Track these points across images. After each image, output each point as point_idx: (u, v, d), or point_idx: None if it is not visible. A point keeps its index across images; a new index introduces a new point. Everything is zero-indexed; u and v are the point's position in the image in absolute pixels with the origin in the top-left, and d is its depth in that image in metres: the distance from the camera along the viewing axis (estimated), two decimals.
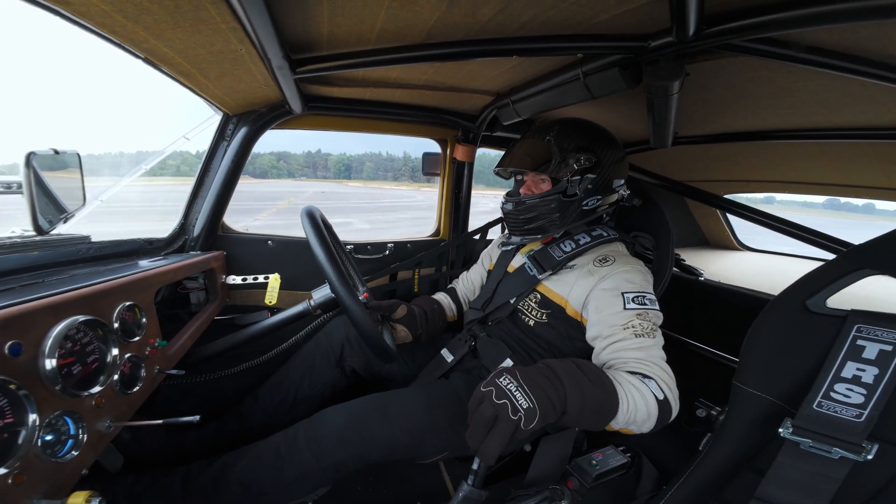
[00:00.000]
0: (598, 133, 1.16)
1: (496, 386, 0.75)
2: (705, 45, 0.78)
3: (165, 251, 1.32)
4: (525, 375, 0.77)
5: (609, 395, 0.81)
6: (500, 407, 0.72)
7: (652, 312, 1.00)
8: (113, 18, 0.70)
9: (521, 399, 0.73)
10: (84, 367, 0.66)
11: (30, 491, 0.53)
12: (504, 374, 0.77)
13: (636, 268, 1.07)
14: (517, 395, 0.73)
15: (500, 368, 0.80)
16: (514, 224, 1.20)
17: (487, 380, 0.78)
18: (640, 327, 0.96)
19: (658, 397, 0.85)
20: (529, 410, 0.72)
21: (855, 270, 0.71)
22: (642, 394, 0.84)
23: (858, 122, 1.06)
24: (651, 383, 0.87)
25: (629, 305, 0.99)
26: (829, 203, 23.73)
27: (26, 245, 0.90)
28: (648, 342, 0.94)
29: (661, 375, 0.89)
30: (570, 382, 0.78)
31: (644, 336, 0.95)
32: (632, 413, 0.82)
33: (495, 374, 0.78)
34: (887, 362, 0.64)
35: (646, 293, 1.02)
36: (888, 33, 0.67)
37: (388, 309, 1.29)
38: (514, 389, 0.74)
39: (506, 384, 0.75)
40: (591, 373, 0.82)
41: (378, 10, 0.79)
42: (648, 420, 0.85)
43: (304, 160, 50.92)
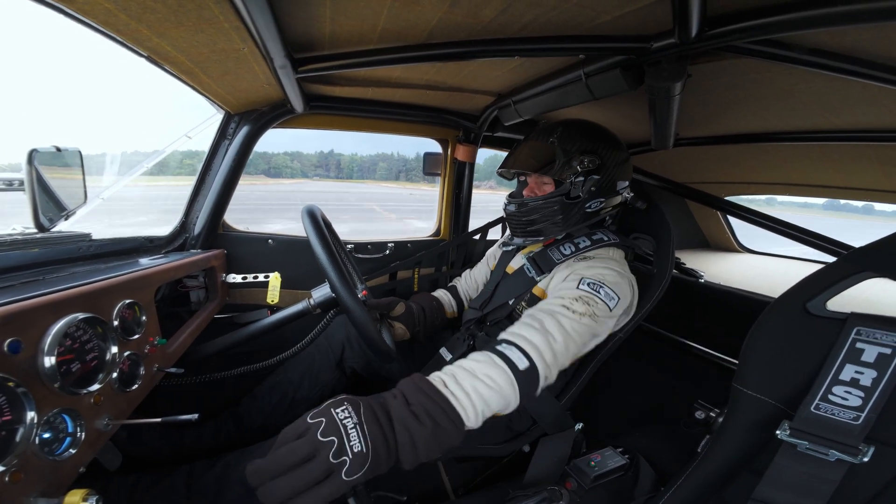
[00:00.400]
0: (603, 135, 1.16)
1: (329, 417, 0.60)
2: (707, 47, 0.78)
3: (166, 249, 1.32)
4: (368, 410, 0.64)
5: (441, 422, 0.68)
6: (322, 445, 0.57)
7: (600, 303, 0.97)
8: (116, 17, 0.70)
9: (355, 439, 0.59)
10: (83, 364, 0.66)
11: (27, 489, 0.53)
12: (345, 404, 0.63)
13: (612, 268, 1.06)
14: (352, 433, 0.59)
15: (342, 397, 0.65)
16: (517, 225, 1.20)
17: (320, 408, 0.63)
18: (573, 303, 0.93)
19: (519, 366, 0.79)
20: (359, 455, 0.58)
21: (855, 273, 0.70)
22: (490, 382, 0.76)
23: (860, 124, 1.06)
24: (512, 351, 0.81)
25: (581, 286, 0.99)
26: (828, 204, 23.87)
27: (27, 242, 0.90)
28: (566, 314, 0.90)
29: (536, 341, 0.83)
30: (400, 427, 0.65)
31: (568, 309, 0.91)
32: (482, 411, 0.74)
33: (332, 403, 0.63)
34: (886, 365, 0.64)
35: (605, 284, 1.00)
36: (890, 35, 0.67)
37: (386, 307, 1.29)
38: (350, 426, 0.60)
39: (343, 417, 0.61)
40: (420, 404, 0.68)
41: (380, 10, 0.79)
42: (510, 402, 0.79)
43: (317, 160, 51.10)
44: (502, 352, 0.82)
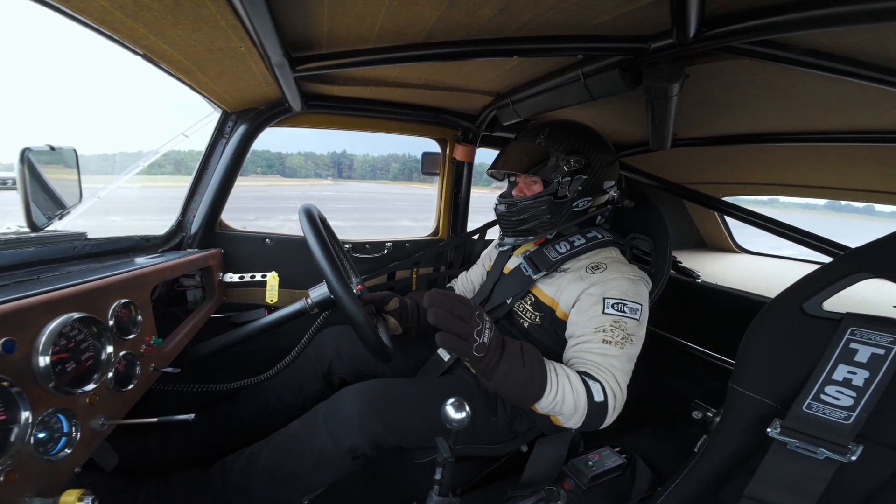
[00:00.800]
0: (589, 135, 1.17)
1: (482, 317, 0.85)
2: (705, 48, 0.78)
3: (162, 248, 1.32)
4: (496, 337, 0.87)
5: (535, 381, 0.88)
6: (475, 323, 0.82)
7: (630, 322, 1.00)
8: (112, 15, 0.70)
9: (486, 335, 0.83)
10: (78, 364, 0.65)
11: (22, 489, 0.53)
12: (490, 319, 0.88)
13: (626, 275, 1.07)
14: (487, 332, 0.84)
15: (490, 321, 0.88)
16: (507, 225, 1.21)
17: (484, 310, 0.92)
18: (610, 333, 0.98)
19: (595, 398, 0.90)
20: (481, 347, 0.82)
21: (851, 274, 0.71)
22: (575, 391, 0.89)
23: (857, 125, 1.06)
24: (594, 385, 0.91)
25: (607, 311, 1.01)
26: (829, 205, 24.27)
27: (22, 241, 0.89)
28: (613, 350, 0.96)
29: (611, 383, 0.93)
30: (507, 357, 0.86)
31: (611, 343, 0.97)
32: (557, 403, 0.89)
33: (483, 314, 0.87)
34: (878, 366, 0.65)
35: (627, 301, 1.02)
36: (887, 36, 0.67)
37: (380, 301, 1.29)
38: (487, 327, 0.85)
39: (487, 326, 0.85)
40: (530, 359, 0.89)
41: (378, 9, 0.78)
42: (575, 415, 0.90)
43: (330, 160, 51.00)
44: (586, 381, 0.93)
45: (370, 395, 1.02)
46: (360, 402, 1.00)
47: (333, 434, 0.97)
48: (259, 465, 0.98)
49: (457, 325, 0.80)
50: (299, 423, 1.03)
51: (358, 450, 0.97)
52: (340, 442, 0.96)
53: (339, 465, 0.98)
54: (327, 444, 0.97)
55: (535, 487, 1.05)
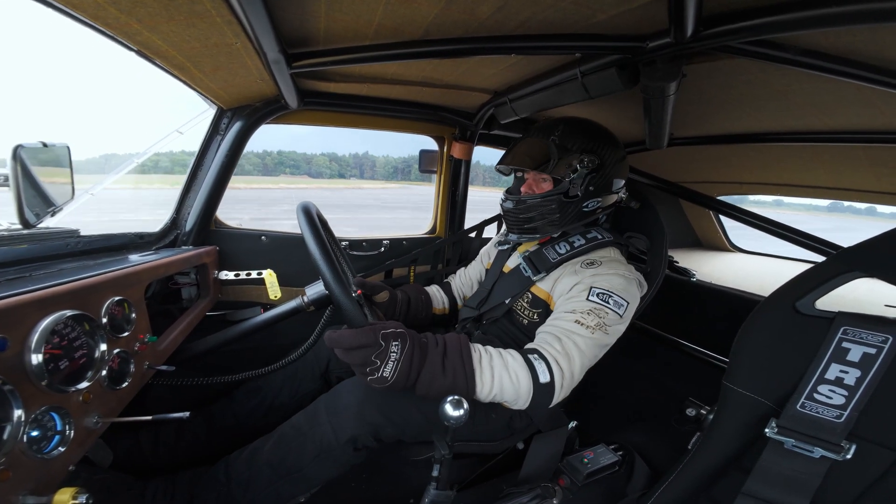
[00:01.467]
0: (602, 134, 1.16)
1: (385, 345, 0.83)
2: (702, 47, 0.78)
3: (156, 246, 1.31)
4: (409, 354, 0.84)
5: (458, 386, 0.87)
6: (369, 359, 0.81)
7: (611, 314, 1.00)
8: (106, 11, 0.69)
9: (389, 370, 0.82)
10: (71, 362, 0.65)
11: (16, 487, 0.52)
12: (398, 340, 0.84)
13: (619, 272, 1.07)
14: (389, 365, 0.82)
15: (401, 331, 0.86)
16: (514, 222, 1.20)
17: (388, 330, 0.84)
18: (585, 317, 0.98)
19: (540, 380, 0.90)
20: (381, 380, 0.82)
21: (844, 273, 0.71)
22: (514, 379, 0.89)
23: (852, 126, 1.07)
24: (540, 365, 0.91)
25: (591, 298, 1.01)
26: (832, 206, 24.85)
27: (14, 238, 0.88)
28: (581, 331, 0.96)
29: (561, 361, 0.93)
30: (426, 370, 0.85)
31: (582, 325, 0.97)
32: (495, 395, 0.90)
33: (393, 334, 0.85)
34: (869, 365, 0.66)
35: (614, 293, 1.03)
36: (883, 37, 0.68)
37: (371, 288, 1.28)
38: (392, 359, 0.82)
39: (392, 350, 0.83)
40: (452, 364, 0.87)
41: (376, 6, 0.78)
42: (519, 400, 0.91)
43: (352, 161, 50.89)
44: (532, 361, 0.92)
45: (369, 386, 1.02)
46: (359, 392, 1.00)
47: (334, 424, 0.97)
48: (262, 458, 0.98)
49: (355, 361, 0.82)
50: (302, 415, 1.04)
51: (358, 440, 0.97)
52: (341, 432, 0.96)
53: (339, 456, 0.98)
54: (328, 435, 0.97)
55: (532, 484, 1.05)
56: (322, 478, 0.99)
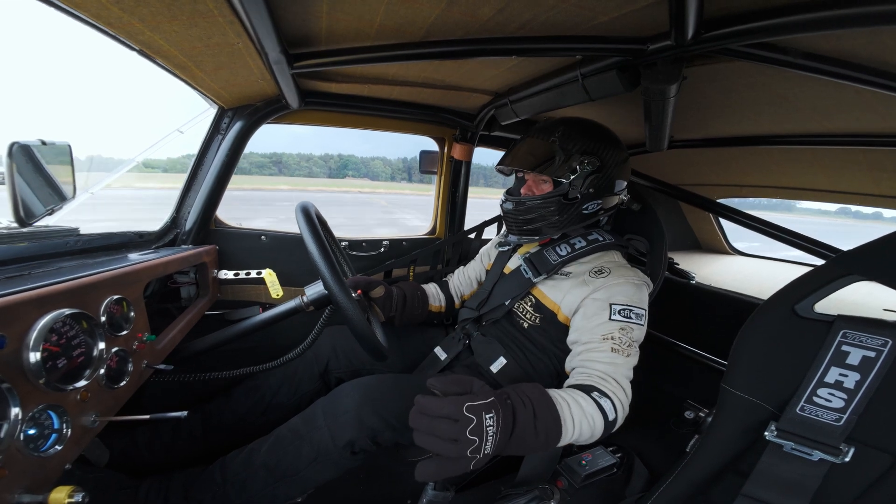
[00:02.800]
0: (604, 135, 1.15)
1: (479, 419, 0.68)
2: (703, 50, 0.78)
3: (156, 244, 1.30)
4: (505, 425, 0.73)
5: (549, 443, 0.80)
6: (466, 442, 0.66)
7: (636, 328, 1.01)
8: (109, 10, 0.69)
9: (489, 445, 0.69)
10: (69, 360, 0.65)
11: (12, 485, 0.52)
12: (492, 411, 0.71)
13: (630, 280, 1.07)
14: (490, 440, 0.69)
15: (492, 401, 0.72)
16: (513, 224, 1.20)
17: (476, 403, 0.70)
18: (618, 341, 0.97)
19: (608, 417, 0.87)
20: (487, 457, 0.70)
21: (843, 276, 0.72)
22: (591, 422, 0.85)
23: (852, 129, 1.07)
24: (606, 403, 0.88)
25: (614, 317, 1.00)
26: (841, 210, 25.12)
27: (13, 236, 0.88)
28: (620, 359, 0.96)
29: (619, 395, 0.91)
30: (517, 435, 0.75)
31: (618, 352, 0.96)
32: (574, 438, 0.84)
33: (484, 406, 0.70)
34: (869, 368, 0.66)
35: (633, 307, 1.02)
36: (883, 40, 0.68)
37: (366, 285, 1.28)
38: (491, 433, 0.69)
39: (488, 424, 0.69)
40: (543, 423, 0.79)
41: (377, 7, 0.78)
42: (591, 439, 0.88)
43: (402, 165, 52.19)
44: (598, 401, 0.89)
45: (366, 390, 1.02)
46: (357, 396, 1.00)
47: (332, 428, 0.97)
48: (258, 460, 0.98)
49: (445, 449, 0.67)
50: (299, 418, 1.03)
51: (356, 444, 0.97)
52: (338, 436, 0.96)
53: (337, 460, 0.97)
54: (325, 439, 0.96)
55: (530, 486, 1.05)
56: (319, 480, 0.99)
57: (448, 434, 0.67)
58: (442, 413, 0.68)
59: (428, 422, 0.68)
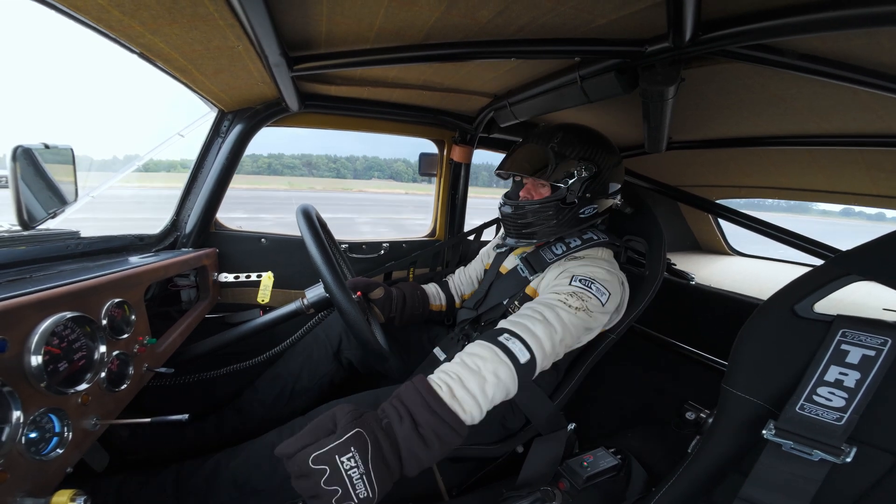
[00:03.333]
0: (600, 141, 1.17)
1: (333, 466, 0.60)
2: (701, 51, 0.79)
3: (156, 248, 1.31)
4: (376, 451, 0.64)
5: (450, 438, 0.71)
6: (326, 495, 0.59)
7: (593, 299, 0.99)
8: (109, 13, 0.70)
9: (361, 488, 0.61)
10: (70, 364, 0.65)
11: (13, 489, 0.52)
12: (350, 450, 0.62)
13: (601, 265, 1.08)
14: (357, 483, 0.61)
15: (347, 439, 0.63)
16: (512, 227, 1.21)
17: (322, 450, 0.61)
18: (569, 298, 0.97)
19: (520, 360, 0.82)
20: (366, 500, 0.61)
21: (842, 276, 0.72)
22: (496, 377, 0.78)
23: (849, 129, 1.08)
24: (514, 344, 0.83)
25: (573, 283, 1.02)
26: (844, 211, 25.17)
27: (14, 240, 0.88)
28: (564, 308, 0.94)
29: (537, 330, 0.87)
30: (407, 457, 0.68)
31: (563, 303, 0.95)
32: (488, 407, 0.78)
33: (336, 449, 0.61)
34: (869, 367, 0.66)
35: (596, 281, 1.03)
36: (880, 42, 0.68)
37: (365, 287, 1.29)
38: (356, 476, 0.61)
39: (348, 467, 0.61)
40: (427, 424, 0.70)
41: (377, 10, 0.78)
42: (510, 392, 0.82)
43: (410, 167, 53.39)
44: (505, 344, 0.83)
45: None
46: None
47: None
48: (225, 475, 0.96)
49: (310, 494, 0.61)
50: (275, 434, 1.01)
51: None
52: None
53: None
54: None
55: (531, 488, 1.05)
56: (292, 498, 0.97)
57: (306, 492, 0.61)
58: (292, 472, 0.62)
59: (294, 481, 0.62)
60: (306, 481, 0.61)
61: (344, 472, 0.60)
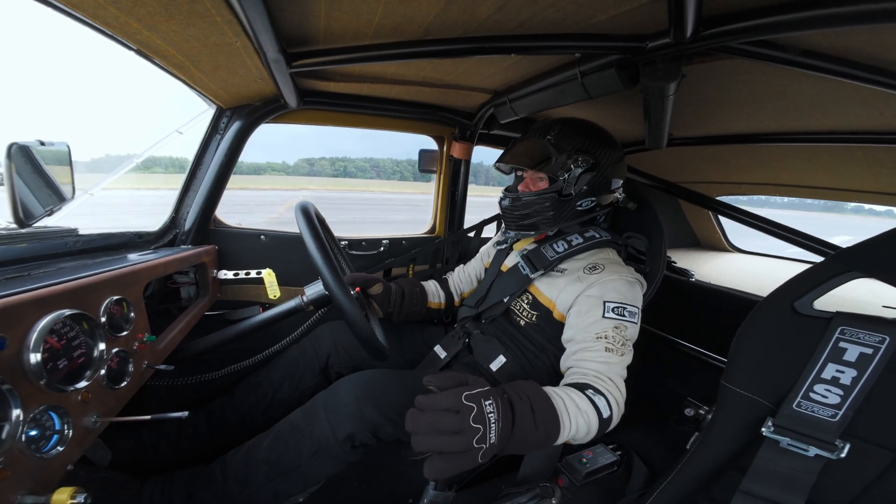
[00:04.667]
0: (599, 134, 1.17)
1: (479, 407, 0.67)
2: (702, 47, 0.78)
3: (155, 245, 1.30)
4: (504, 408, 0.72)
5: (550, 439, 0.78)
6: (471, 429, 0.65)
7: (629, 326, 1.01)
8: (106, 10, 0.69)
9: (494, 433, 0.67)
10: (70, 361, 0.65)
11: (14, 486, 0.52)
12: (490, 398, 0.69)
13: (624, 277, 1.07)
14: (493, 427, 0.67)
15: (488, 389, 0.71)
16: (510, 219, 1.22)
17: (473, 391, 0.69)
18: (612, 340, 0.97)
19: (602, 415, 0.86)
20: (493, 447, 0.67)
21: (842, 273, 0.72)
22: (587, 418, 0.84)
23: (851, 126, 1.07)
24: (601, 401, 0.88)
25: (608, 315, 1.00)
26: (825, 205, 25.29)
27: (12, 237, 0.88)
28: (614, 358, 0.96)
29: (614, 393, 0.91)
30: (518, 429, 0.73)
31: (612, 351, 0.96)
32: (571, 436, 0.83)
33: (482, 394, 0.69)
34: (865, 365, 0.66)
35: (627, 305, 1.03)
36: (882, 37, 0.68)
37: (363, 282, 1.28)
38: (493, 420, 0.68)
39: (489, 411, 0.68)
40: (542, 417, 0.77)
41: (376, 5, 0.78)
42: (587, 437, 0.87)
43: None
44: (592, 399, 0.88)
45: (367, 384, 1.02)
46: (357, 390, 1.00)
47: (332, 422, 0.97)
48: (259, 455, 0.98)
49: (450, 444, 0.65)
50: (299, 413, 1.03)
51: (356, 438, 0.97)
52: (339, 430, 0.96)
53: (338, 453, 0.97)
54: (326, 433, 0.96)
55: (531, 484, 1.05)
56: (320, 475, 0.99)
57: (451, 427, 0.65)
58: (442, 406, 0.66)
59: (428, 420, 0.66)
60: (453, 418, 0.65)
61: (486, 415, 0.67)
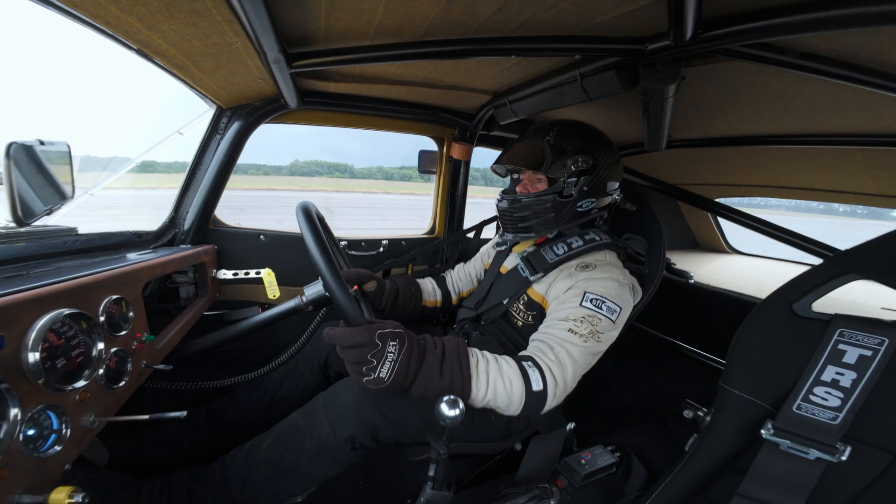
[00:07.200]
0: (596, 136, 1.16)
1: (382, 345, 0.81)
2: (702, 49, 0.79)
3: (155, 244, 1.30)
4: (407, 355, 0.82)
5: (454, 389, 0.85)
6: (366, 359, 0.80)
7: (604, 320, 1.00)
8: (106, 9, 0.69)
9: (386, 371, 0.80)
10: (68, 361, 0.65)
11: (12, 486, 0.52)
12: (397, 340, 0.82)
13: (614, 277, 1.07)
14: (385, 365, 0.80)
15: (400, 332, 0.84)
16: (508, 221, 1.20)
17: (386, 330, 0.82)
18: (578, 325, 0.98)
19: (532, 387, 0.89)
20: (379, 381, 0.80)
21: (841, 275, 0.72)
22: (508, 385, 0.89)
23: (850, 128, 1.08)
24: (534, 373, 0.90)
25: (584, 304, 1.01)
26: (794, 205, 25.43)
27: (11, 236, 0.88)
28: (575, 339, 0.96)
29: (555, 370, 0.92)
30: (423, 373, 0.84)
31: (575, 333, 0.96)
32: (488, 399, 0.89)
33: (392, 334, 0.82)
34: (865, 367, 0.66)
35: (608, 300, 1.02)
36: (881, 40, 0.68)
37: (357, 279, 1.27)
38: (390, 359, 0.81)
39: (389, 350, 0.81)
40: (450, 368, 0.86)
41: (376, 6, 0.78)
42: (511, 406, 0.90)
43: None
44: (526, 369, 0.92)
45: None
46: (358, 391, 1.00)
47: (332, 423, 0.97)
48: (259, 456, 0.98)
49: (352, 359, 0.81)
50: (299, 414, 1.03)
51: (356, 440, 0.97)
52: (339, 431, 0.96)
53: (337, 454, 0.97)
54: (326, 434, 0.96)
55: (529, 485, 1.05)
56: (320, 476, 0.99)
57: (353, 358, 0.80)
58: (352, 341, 0.80)
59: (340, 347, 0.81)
60: (357, 350, 0.80)
61: (385, 352, 0.81)
